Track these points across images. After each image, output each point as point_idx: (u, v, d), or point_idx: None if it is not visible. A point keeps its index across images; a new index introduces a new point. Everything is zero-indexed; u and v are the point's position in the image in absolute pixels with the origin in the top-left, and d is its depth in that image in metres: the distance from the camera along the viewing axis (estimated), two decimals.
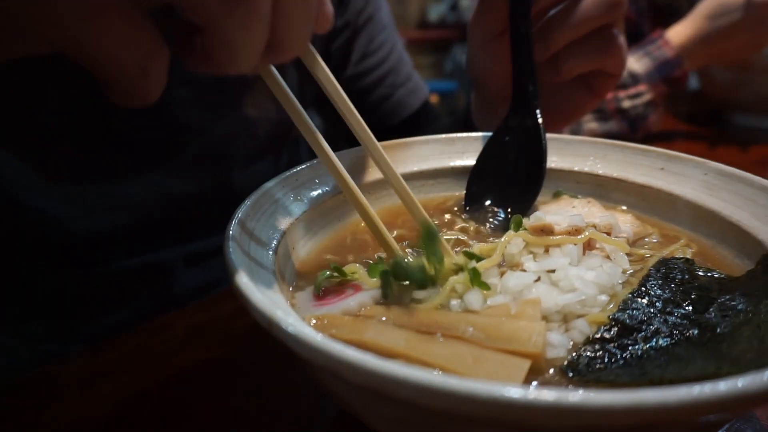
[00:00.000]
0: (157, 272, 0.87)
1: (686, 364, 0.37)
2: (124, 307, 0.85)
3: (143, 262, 0.85)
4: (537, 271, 0.48)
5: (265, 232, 0.51)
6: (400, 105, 1.13)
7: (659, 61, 1.36)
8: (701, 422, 0.32)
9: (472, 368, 0.38)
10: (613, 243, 0.52)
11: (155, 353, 0.60)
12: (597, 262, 0.50)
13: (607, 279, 0.47)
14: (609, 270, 0.48)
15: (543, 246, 0.52)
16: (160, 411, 0.52)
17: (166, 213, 0.85)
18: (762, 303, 0.43)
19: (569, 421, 0.27)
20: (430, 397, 0.28)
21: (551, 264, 0.48)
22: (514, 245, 0.52)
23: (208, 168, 0.88)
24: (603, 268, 0.48)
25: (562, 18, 0.70)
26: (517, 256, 0.51)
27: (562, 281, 0.46)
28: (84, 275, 0.82)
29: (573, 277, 0.47)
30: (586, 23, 0.70)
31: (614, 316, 0.44)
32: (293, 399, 0.53)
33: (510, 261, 0.51)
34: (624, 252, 0.52)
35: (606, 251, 0.52)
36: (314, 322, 0.44)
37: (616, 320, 0.43)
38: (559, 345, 0.42)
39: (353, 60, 1.07)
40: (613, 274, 0.48)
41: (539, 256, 0.51)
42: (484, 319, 0.43)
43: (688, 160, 0.62)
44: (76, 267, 0.81)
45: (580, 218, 0.54)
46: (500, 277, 0.49)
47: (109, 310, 0.84)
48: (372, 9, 1.08)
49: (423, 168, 0.70)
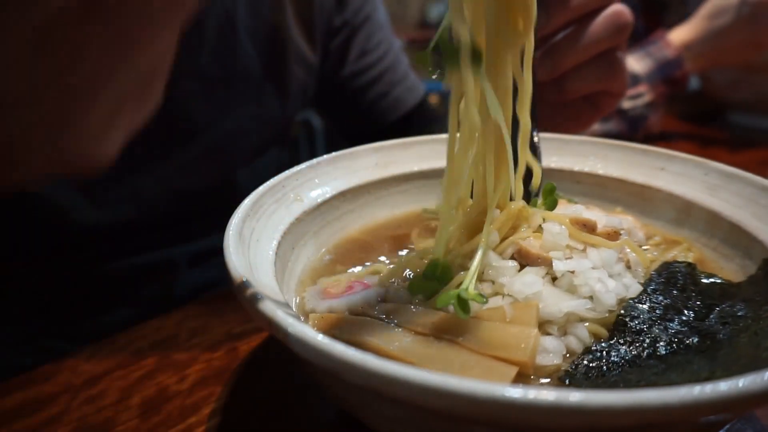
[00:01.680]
0: (160, 271, 0.87)
1: (683, 371, 0.37)
2: (126, 305, 0.85)
3: (147, 260, 0.85)
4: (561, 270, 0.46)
5: (266, 232, 0.51)
6: (397, 102, 1.14)
7: (660, 62, 1.36)
8: (702, 422, 0.32)
9: (457, 373, 0.37)
10: (640, 254, 0.51)
11: (155, 353, 0.60)
12: (619, 269, 0.49)
13: (623, 292, 0.47)
14: (628, 283, 0.48)
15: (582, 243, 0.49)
16: (160, 411, 0.52)
17: (171, 208, 0.86)
18: (762, 309, 0.42)
19: (569, 421, 0.27)
20: (430, 397, 0.28)
21: (578, 266, 0.47)
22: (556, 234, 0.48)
23: (213, 163, 0.89)
24: (623, 281, 0.47)
25: (569, 41, 0.71)
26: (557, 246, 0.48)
27: (583, 287, 0.45)
28: (88, 272, 0.82)
29: (593, 280, 0.46)
30: (592, 47, 0.71)
31: (614, 323, 0.43)
32: (293, 399, 0.53)
33: (551, 246, 0.48)
34: (645, 265, 0.51)
35: (627, 258, 0.51)
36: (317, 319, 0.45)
37: (616, 327, 0.43)
38: (554, 350, 0.41)
39: (351, 58, 1.08)
40: (631, 288, 0.47)
41: (576, 252, 0.49)
42: (478, 323, 0.42)
43: (689, 160, 0.62)
44: (79, 262, 0.81)
45: (618, 221, 0.54)
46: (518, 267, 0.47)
47: (111, 308, 0.84)
48: (370, 9, 1.09)
49: (423, 168, 0.69)
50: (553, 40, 0.73)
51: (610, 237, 0.51)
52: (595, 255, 0.48)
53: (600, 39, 0.70)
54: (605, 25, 0.69)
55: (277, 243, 0.51)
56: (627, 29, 0.70)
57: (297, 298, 0.51)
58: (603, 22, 0.69)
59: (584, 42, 0.70)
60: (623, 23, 0.70)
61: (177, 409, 0.52)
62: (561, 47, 0.72)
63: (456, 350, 0.40)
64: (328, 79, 1.07)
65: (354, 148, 0.66)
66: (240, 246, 0.44)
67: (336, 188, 0.62)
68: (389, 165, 0.68)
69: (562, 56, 0.71)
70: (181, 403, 0.53)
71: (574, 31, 0.71)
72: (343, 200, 0.63)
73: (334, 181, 0.63)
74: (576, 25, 0.71)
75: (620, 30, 0.70)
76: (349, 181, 0.64)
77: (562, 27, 0.72)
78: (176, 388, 0.55)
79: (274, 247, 0.50)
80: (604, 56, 0.72)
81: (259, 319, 0.35)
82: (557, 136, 0.71)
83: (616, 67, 0.73)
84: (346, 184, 0.63)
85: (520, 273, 0.47)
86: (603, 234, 0.51)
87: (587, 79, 0.74)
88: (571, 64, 0.72)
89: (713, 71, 1.52)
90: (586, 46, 0.70)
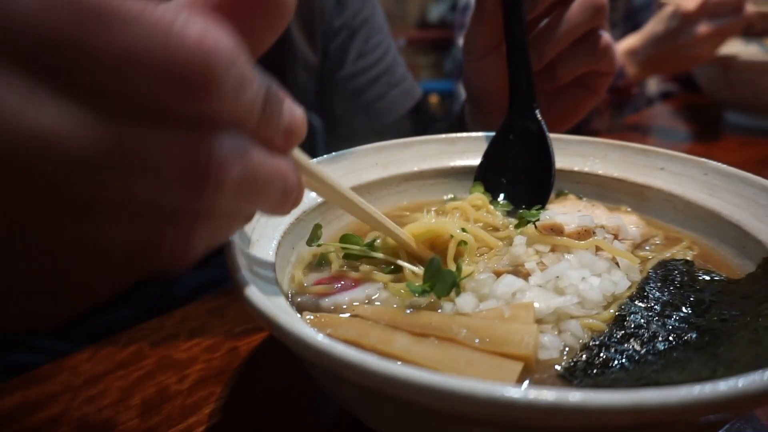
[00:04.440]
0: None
1: (683, 369, 0.37)
2: (126, 305, 0.85)
3: None
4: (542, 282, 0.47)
5: (266, 232, 0.51)
6: (393, 104, 1.14)
7: None
8: (702, 422, 0.32)
9: (465, 371, 0.37)
10: (614, 251, 0.51)
11: (155, 353, 0.60)
12: (604, 266, 0.49)
13: (611, 288, 0.47)
14: (617, 279, 0.48)
15: (549, 245, 0.51)
16: (160, 411, 0.52)
17: None
18: (761, 306, 0.42)
19: (569, 421, 0.27)
20: (430, 397, 0.28)
21: (557, 271, 0.48)
22: (518, 245, 0.52)
23: None
24: (611, 279, 0.48)
25: (550, 29, 0.73)
26: (523, 255, 0.51)
27: (568, 288, 0.46)
28: None
29: (576, 280, 0.46)
30: (573, 31, 0.73)
31: (613, 320, 0.43)
32: (293, 399, 0.53)
33: (515, 261, 0.51)
34: (635, 265, 0.51)
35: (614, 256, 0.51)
36: (311, 318, 0.45)
37: (613, 324, 0.43)
38: (552, 347, 0.41)
39: (349, 59, 1.09)
40: (620, 284, 0.47)
41: (545, 256, 0.51)
42: (477, 322, 0.42)
43: (688, 160, 0.62)
44: None
45: (590, 219, 0.54)
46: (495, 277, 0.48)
47: (111, 308, 0.84)
48: (368, 11, 1.10)
49: (423, 168, 0.70)
50: (536, 29, 0.75)
51: (580, 237, 0.52)
52: (572, 257, 0.50)
53: (578, 23, 0.72)
54: (581, 9, 0.72)
55: (277, 243, 0.51)
56: (603, 9, 0.73)
57: (290, 295, 0.51)
58: (579, 7, 0.72)
59: (564, 28, 0.73)
60: (598, 4, 0.72)
61: (177, 409, 0.52)
62: (543, 36, 0.74)
63: (459, 349, 0.40)
64: (327, 80, 1.08)
65: (354, 148, 0.66)
66: (240, 246, 0.44)
67: None
68: (389, 165, 0.68)
69: (546, 44, 0.74)
70: (181, 403, 0.53)
71: (552, 19, 0.74)
72: None
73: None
74: (555, 11, 0.73)
75: (597, 11, 0.72)
76: (349, 181, 0.64)
77: (550, 8, 0.74)
78: (176, 388, 0.55)
79: (274, 247, 0.50)
80: (586, 38, 0.74)
81: (259, 319, 0.35)
82: (557, 136, 0.71)
83: (601, 46, 0.75)
84: (346, 184, 0.63)
85: (499, 279, 0.48)
86: (572, 235, 0.52)
87: (575, 62, 0.76)
88: (556, 50, 0.74)
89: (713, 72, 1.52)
90: (566, 31, 0.73)
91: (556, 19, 0.73)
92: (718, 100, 1.60)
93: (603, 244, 0.52)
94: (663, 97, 2.02)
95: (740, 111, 1.54)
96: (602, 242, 0.52)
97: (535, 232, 0.53)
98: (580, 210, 0.61)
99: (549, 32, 0.73)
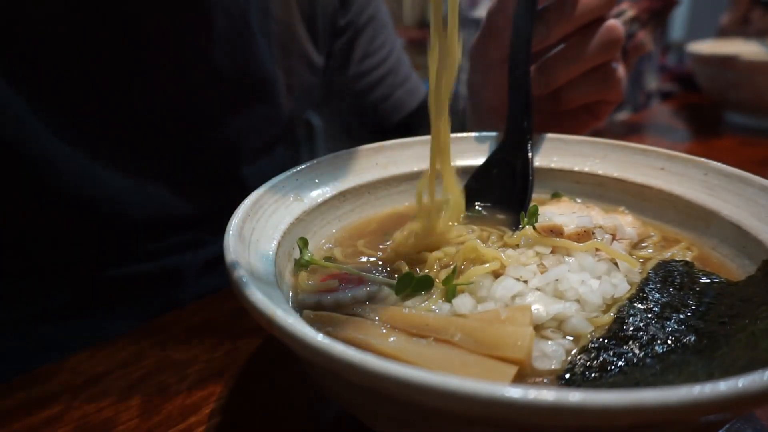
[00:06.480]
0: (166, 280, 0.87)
1: (680, 372, 0.37)
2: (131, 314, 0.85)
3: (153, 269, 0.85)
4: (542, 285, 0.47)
5: (266, 232, 0.51)
6: (399, 105, 1.14)
7: None
8: (701, 422, 0.32)
9: (459, 372, 0.37)
10: (613, 253, 0.51)
11: (155, 353, 0.60)
12: (604, 268, 0.49)
13: (611, 291, 0.47)
14: (617, 282, 0.48)
15: (549, 246, 0.51)
16: (160, 411, 0.52)
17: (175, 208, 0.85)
18: (758, 309, 0.42)
19: (569, 421, 0.27)
20: (430, 397, 0.28)
21: (556, 274, 0.48)
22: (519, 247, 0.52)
23: (219, 161, 0.90)
24: (611, 281, 0.48)
25: (564, 56, 0.73)
26: (522, 256, 0.51)
27: (568, 291, 0.46)
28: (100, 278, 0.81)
29: (576, 283, 0.46)
30: (587, 62, 0.72)
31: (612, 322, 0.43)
32: (293, 399, 0.53)
33: (515, 260, 0.51)
34: (634, 268, 0.51)
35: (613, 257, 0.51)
36: (311, 316, 0.45)
37: (612, 326, 0.43)
38: (554, 356, 0.41)
39: (355, 59, 1.08)
40: (620, 287, 0.47)
41: (546, 258, 0.51)
42: (473, 324, 0.42)
43: (688, 160, 0.62)
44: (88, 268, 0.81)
45: (589, 220, 0.54)
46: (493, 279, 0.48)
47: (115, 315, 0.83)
48: (373, 9, 1.09)
49: (423, 168, 0.69)
50: (548, 54, 0.74)
51: (580, 238, 0.52)
52: (571, 260, 0.50)
53: (594, 55, 0.72)
54: (600, 42, 0.71)
55: (277, 243, 0.51)
56: (619, 43, 0.73)
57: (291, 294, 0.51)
58: (598, 40, 0.71)
59: (579, 57, 0.72)
60: (615, 38, 0.72)
61: (177, 409, 0.52)
62: (555, 63, 0.73)
63: (454, 350, 0.40)
64: (331, 80, 1.07)
65: (354, 148, 0.66)
66: (240, 246, 0.44)
67: (336, 188, 0.62)
68: (389, 165, 0.68)
69: (557, 72, 0.73)
70: (181, 403, 0.53)
71: (567, 47, 0.73)
72: (343, 200, 0.63)
73: (334, 181, 0.63)
74: (570, 40, 0.73)
75: (613, 45, 0.72)
76: (349, 181, 0.64)
77: (561, 39, 0.73)
78: (176, 388, 0.55)
79: (274, 247, 0.50)
80: (598, 69, 0.74)
81: (259, 319, 0.35)
82: (557, 136, 0.71)
83: (611, 78, 0.75)
84: (346, 184, 0.63)
85: (497, 280, 0.48)
86: (572, 236, 0.52)
87: (583, 91, 0.76)
88: (566, 79, 0.74)
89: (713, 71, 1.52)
90: (581, 61, 0.72)
91: (571, 48, 0.72)
92: (718, 100, 1.60)
93: (604, 247, 0.51)
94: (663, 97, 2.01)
95: (740, 111, 1.54)
96: (603, 245, 0.51)
97: (535, 233, 0.53)
98: (575, 212, 0.61)
99: (561, 60, 0.73)
